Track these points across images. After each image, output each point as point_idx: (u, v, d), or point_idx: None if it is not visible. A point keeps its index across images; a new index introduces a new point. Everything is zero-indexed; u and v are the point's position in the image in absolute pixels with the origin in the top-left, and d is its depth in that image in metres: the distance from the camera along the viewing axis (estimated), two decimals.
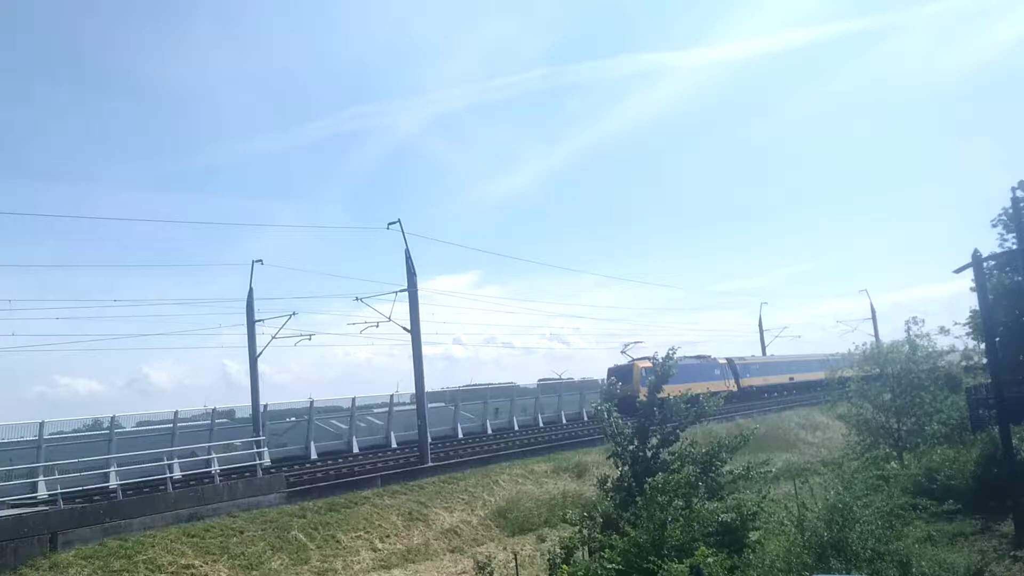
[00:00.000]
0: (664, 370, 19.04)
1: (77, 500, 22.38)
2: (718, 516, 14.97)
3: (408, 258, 32.87)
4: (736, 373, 60.17)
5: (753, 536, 14.80)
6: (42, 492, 23.68)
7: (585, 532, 15.88)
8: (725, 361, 60.33)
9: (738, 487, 17.15)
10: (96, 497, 23.32)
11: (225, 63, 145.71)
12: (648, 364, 50.11)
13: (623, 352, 51.56)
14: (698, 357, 57.22)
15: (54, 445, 27.21)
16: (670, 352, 19.77)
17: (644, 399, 40.79)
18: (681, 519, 14.27)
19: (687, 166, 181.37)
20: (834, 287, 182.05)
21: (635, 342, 53.15)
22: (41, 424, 27.33)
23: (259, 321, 34.95)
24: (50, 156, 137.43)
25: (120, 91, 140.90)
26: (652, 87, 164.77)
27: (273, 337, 35.00)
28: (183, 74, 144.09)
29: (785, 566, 13.17)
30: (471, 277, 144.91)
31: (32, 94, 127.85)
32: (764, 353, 78.39)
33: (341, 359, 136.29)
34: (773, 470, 19.45)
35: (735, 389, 58.26)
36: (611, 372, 51.09)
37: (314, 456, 35.02)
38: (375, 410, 41.32)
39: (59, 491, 21.95)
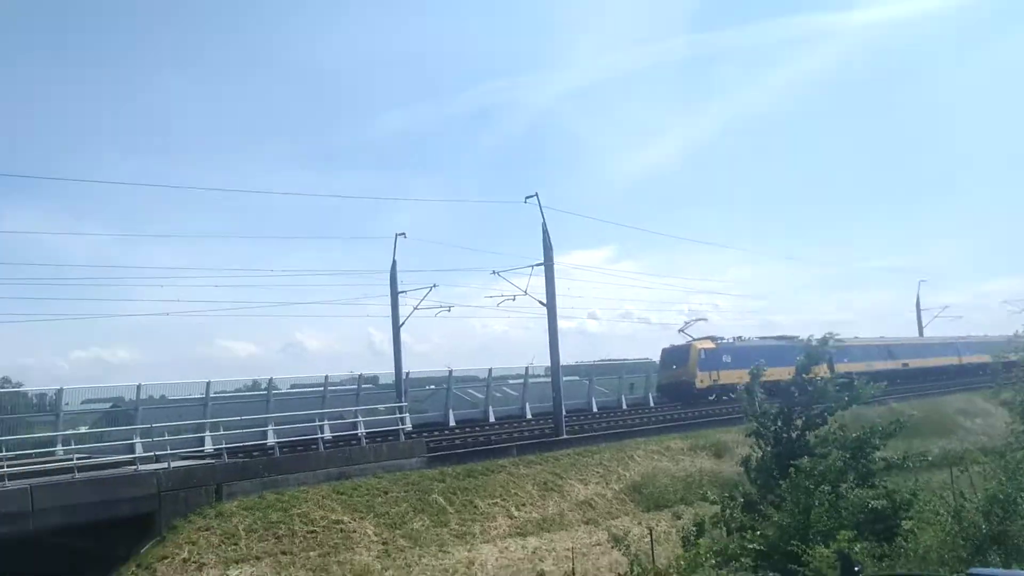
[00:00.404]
0: (816, 353, 18.27)
1: (239, 455, 23.74)
2: (868, 503, 14.43)
3: (545, 232, 32.98)
4: (830, 358, 53.39)
5: (906, 525, 14.18)
6: (208, 446, 25.58)
7: (727, 512, 15.69)
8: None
9: (891, 474, 16.40)
10: (255, 453, 24.77)
11: (369, 42, 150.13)
12: (710, 345, 45.42)
13: (681, 331, 47.26)
14: (780, 338, 50.90)
15: (218, 403, 29.33)
16: (828, 335, 18.80)
17: (703, 385, 38.84)
18: (827, 504, 13.86)
19: (841, 135, 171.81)
20: (1004, 264, 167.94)
21: (697, 319, 48.59)
22: (208, 384, 29.47)
23: (402, 292, 35.91)
24: (207, 134, 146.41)
25: (272, 71, 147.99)
26: (805, 52, 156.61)
27: (415, 308, 35.90)
28: (331, 52, 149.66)
29: (938, 558, 12.59)
30: (607, 252, 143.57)
31: (193, 78, 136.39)
32: (921, 335, 73.65)
33: (478, 331, 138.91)
34: (930, 458, 18.47)
35: (828, 376, 51.47)
36: (665, 353, 46.93)
37: (452, 423, 36.01)
38: (510, 381, 42.05)
39: (223, 446, 23.34)
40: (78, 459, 19.74)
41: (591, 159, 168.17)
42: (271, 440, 26.51)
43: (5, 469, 17.80)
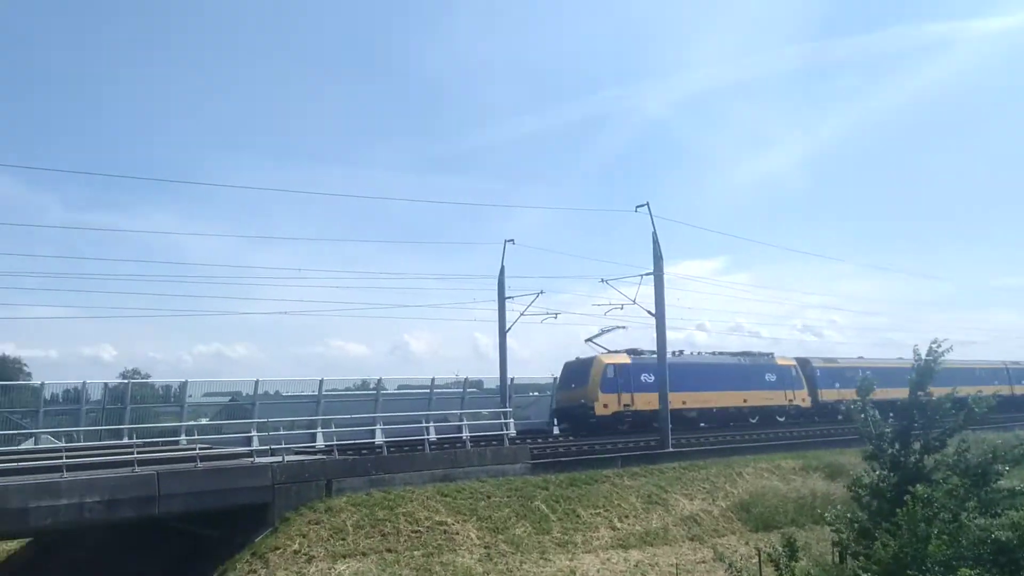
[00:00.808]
0: (927, 370, 16.85)
1: (348, 452, 24.25)
2: (991, 533, 13.54)
3: (655, 242, 32.44)
4: (814, 381, 44.81)
5: None
6: (319, 442, 26.46)
7: (843, 535, 15.02)
8: (793, 363, 44.45)
9: (1016, 504, 15.30)
10: (364, 451, 25.36)
11: (484, 50, 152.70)
12: (623, 359, 36.82)
13: (589, 341, 37.95)
14: (743, 354, 43.53)
15: (330, 401, 30.40)
16: (934, 344, 17.10)
17: (606, 411, 34.04)
18: (946, 535, 13.07)
19: (967, 147, 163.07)
20: None
21: (615, 328, 37.66)
22: (321, 381, 30.60)
23: (509, 298, 36.18)
24: (328, 138, 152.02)
25: (390, 81, 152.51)
26: (928, 61, 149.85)
27: (521, 314, 36.06)
28: (447, 60, 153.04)
29: None
30: (718, 263, 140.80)
31: (312, 85, 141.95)
32: None
33: (583, 339, 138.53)
34: None
35: (807, 404, 43.91)
36: (565, 369, 38.25)
37: (555, 431, 36.03)
38: None
39: (334, 443, 23.90)
40: (200, 448, 20.77)
41: (704, 168, 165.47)
42: (379, 439, 27.13)
43: (135, 455, 18.95)
